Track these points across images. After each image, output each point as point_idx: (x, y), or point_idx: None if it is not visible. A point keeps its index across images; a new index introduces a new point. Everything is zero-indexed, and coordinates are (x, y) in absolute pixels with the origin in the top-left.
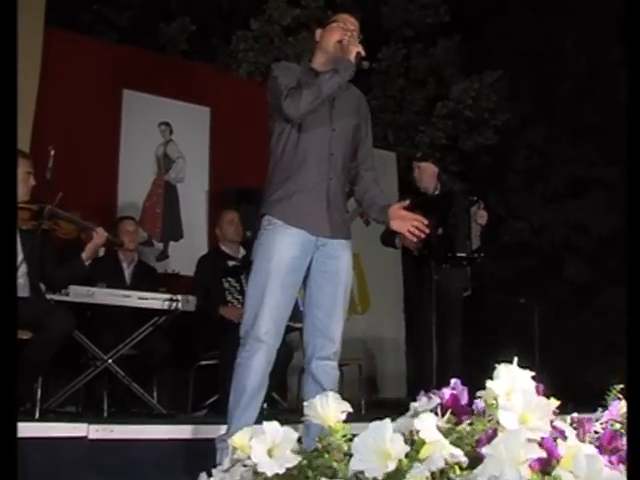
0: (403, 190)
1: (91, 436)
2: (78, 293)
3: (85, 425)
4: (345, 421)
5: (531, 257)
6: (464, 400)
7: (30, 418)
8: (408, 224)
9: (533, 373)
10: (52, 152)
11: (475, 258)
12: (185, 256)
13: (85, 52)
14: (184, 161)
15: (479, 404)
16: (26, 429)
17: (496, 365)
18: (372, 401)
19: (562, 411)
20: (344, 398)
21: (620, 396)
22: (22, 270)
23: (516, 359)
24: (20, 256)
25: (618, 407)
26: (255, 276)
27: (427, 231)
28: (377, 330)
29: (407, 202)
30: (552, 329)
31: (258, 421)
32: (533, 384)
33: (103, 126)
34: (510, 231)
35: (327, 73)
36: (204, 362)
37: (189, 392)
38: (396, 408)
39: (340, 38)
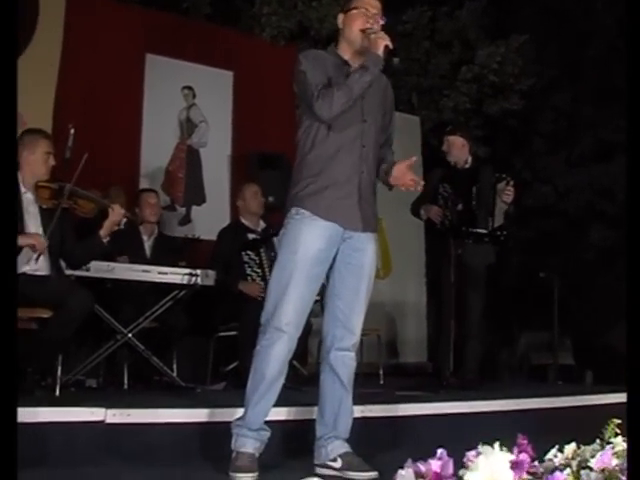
0: (430, 158)
1: (109, 420)
2: (98, 268)
3: (103, 410)
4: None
5: (555, 221)
6: (449, 470)
7: (51, 395)
8: (405, 178)
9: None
10: (72, 131)
11: (497, 236)
12: (207, 220)
13: (108, 16)
14: (207, 125)
15: None
16: (45, 413)
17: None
18: (392, 365)
19: (581, 381)
20: (364, 363)
21: (617, 431)
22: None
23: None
24: (40, 234)
25: (610, 456)
26: (280, 266)
27: (419, 188)
28: (399, 295)
29: (414, 159)
30: (575, 293)
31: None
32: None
33: (126, 91)
34: (535, 195)
35: (357, 72)
36: (223, 333)
37: (208, 363)
38: (416, 375)
39: (363, 26)
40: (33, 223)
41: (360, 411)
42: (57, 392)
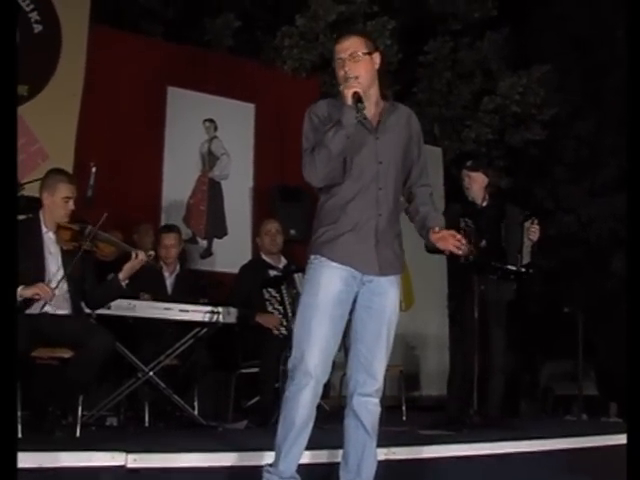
0: (452, 189)
1: (130, 465)
2: (120, 306)
3: (124, 454)
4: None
5: (578, 250)
6: None
7: (71, 435)
8: (450, 242)
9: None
10: (93, 169)
11: (524, 273)
12: (229, 253)
13: (130, 49)
14: (228, 158)
15: None
16: (65, 457)
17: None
18: (414, 398)
19: (605, 413)
20: (386, 397)
21: None
22: (64, 288)
23: None
24: (61, 274)
25: None
26: (303, 309)
27: (465, 248)
28: (421, 327)
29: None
30: (597, 323)
31: None
32: None
33: (148, 123)
34: (557, 224)
35: (330, 130)
36: (245, 370)
37: (230, 399)
38: (438, 409)
39: (341, 78)
40: (54, 263)
41: (384, 454)
42: (78, 432)
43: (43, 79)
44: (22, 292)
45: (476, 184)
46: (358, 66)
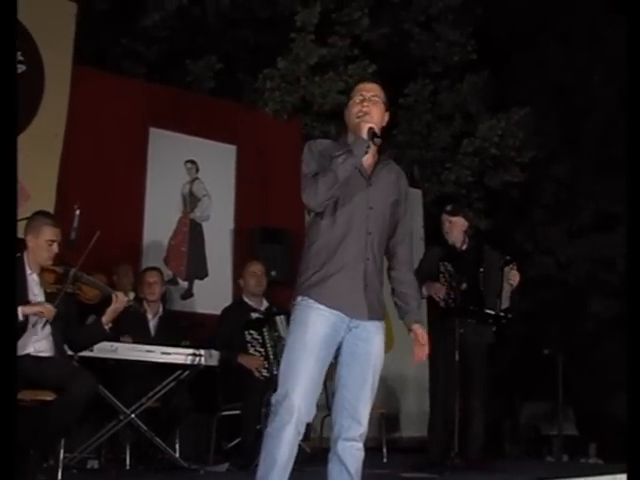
0: (431, 231)
1: None
2: (102, 348)
3: None
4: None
5: (556, 291)
6: None
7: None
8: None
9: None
10: (77, 212)
11: (502, 317)
12: (210, 294)
13: (112, 90)
14: (210, 199)
15: None
16: None
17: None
18: (394, 439)
19: (585, 453)
20: (367, 438)
21: None
22: (46, 331)
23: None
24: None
25: None
26: (289, 348)
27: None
28: (400, 368)
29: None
30: (576, 364)
31: None
32: None
33: (129, 164)
34: (536, 266)
35: (341, 156)
36: (226, 412)
37: (211, 441)
38: (418, 450)
39: (357, 114)
40: None
41: None
42: (59, 475)
43: (26, 119)
44: (24, 310)
45: (456, 228)
46: (375, 108)
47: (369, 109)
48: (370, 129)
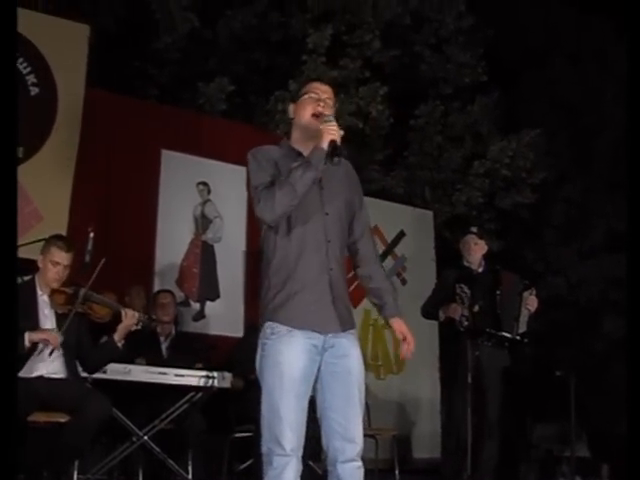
0: (443, 252)
1: None
2: (115, 370)
3: None
4: None
5: (567, 312)
6: None
7: None
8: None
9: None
10: (91, 234)
11: (519, 342)
12: (221, 316)
13: (125, 112)
14: (221, 221)
15: None
16: None
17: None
18: (406, 460)
19: (597, 475)
20: (379, 460)
21: None
22: (58, 352)
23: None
24: None
25: None
26: (268, 392)
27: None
28: (412, 390)
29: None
30: (588, 384)
31: None
32: None
33: (142, 186)
34: (547, 286)
35: (299, 168)
36: (239, 434)
37: (224, 463)
38: (430, 472)
39: (314, 111)
40: (48, 326)
41: None
42: None
43: (39, 141)
44: (30, 337)
45: (480, 251)
46: (331, 112)
47: (328, 111)
48: (332, 142)
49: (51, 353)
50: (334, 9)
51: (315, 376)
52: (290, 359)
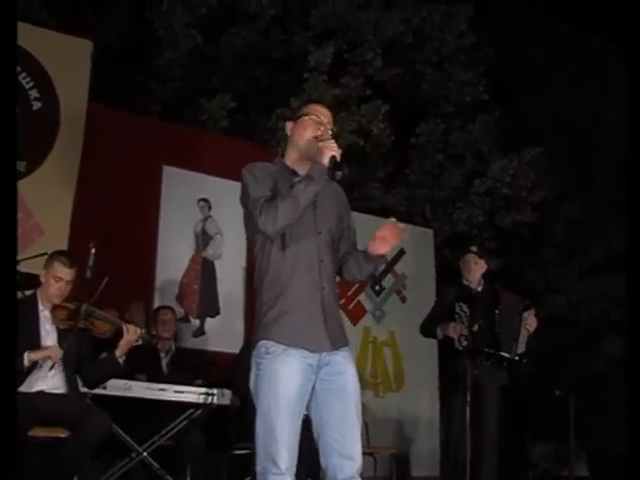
0: (443, 270)
1: None
2: (115, 386)
3: None
4: None
5: (568, 331)
6: None
7: None
8: (388, 240)
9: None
10: (92, 250)
11: (517, 362)
12: (221, 333)
13: (126, 128)
14: (222, 237)
15: None
16: None
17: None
18: (404, 479)
19: None
20: (377, 478)
21: None
22: (59, 368)
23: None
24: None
25: None
26: (263, 412)
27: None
28: (411, 408)
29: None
30: (588, 404)
31: None
32: None
33: (143, 202)
34: (547, 305)
35: (302, 182)
36: (238, 452)
37: None
38: None
39: (314, 134)
40: (49, 341)
41: None
42: None
43: (41, 155)
44: (30, 357)
45: (480, 270)
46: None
47: (326, 135)
48: (333, 157)
49: (51, 368)
50: (336, 27)
51: (309, 394)
52: (286, 379)
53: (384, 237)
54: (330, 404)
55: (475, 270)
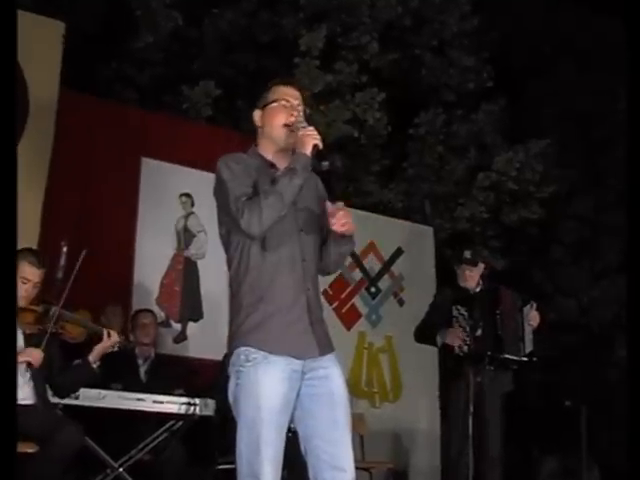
0: (443, 271)
1: None
2: (88, 396)
3: None
4: None
5: (578, 337)
6: None
7: None
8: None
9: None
10: (64, 249)
11: (527, 362)
12: (205, 338)
13: (101, 116)
14: (206, 236)
15: None
16: None
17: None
18: None
19: None
20: None
21: None
22: (27, 376)
23: None
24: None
25: None
26: (246, 426)
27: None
28: (410, 420)
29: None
30: (601, 416)
31: None
32: None
33: (120, 197)
34: (556, 309)
35: (285, 176)
36: (222, 466)
37: None
38: None
39: (286, 121)
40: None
41: None
42: None
43: None
44: None
45: (476, 276)
46: (303, 119)
47: (300, 119)
48: (315, 146)
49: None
50: (328, 9)
51: (295, 402)
52: (269, 389)
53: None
54: (316, 412)
55: (471, 278)
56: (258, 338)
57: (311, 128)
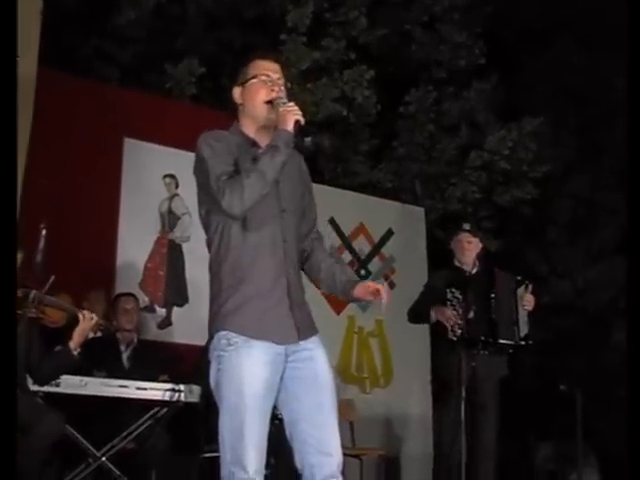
0: (435, 252)
1: None
2: (70, 384)
3: None
4: None
5: (574, 319)
6: None
7: None
8: (370, 289)
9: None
10: (43, 232)
11: (523, 346)
12: (190, 323)
13: (82, 96)
14: (191, 218)
15: None
16: None
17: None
18: None
19: None
20: None
21: None
22: None
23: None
24: None
25: None
26: (229, 412)
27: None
28: (401, 405)
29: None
30: (598, 401)
31: None
32: None
33: (102, 178)
34: (551, 291)
35: (267, 153)
36: (208, 454)
37: None
38: None
39: (267, 97)
40: None
41: None
42: None
43: None
44: None
45: (474, 249)
46: (285, 94)
47: (282, 93)
48: (297, 122)
49: None
50: None
51: (278, 386)
52: (251, 373)
53: (374, 292)
54: (301, 394)
55: (469, 250)
56: (238, 322)
57: (291, 104)
